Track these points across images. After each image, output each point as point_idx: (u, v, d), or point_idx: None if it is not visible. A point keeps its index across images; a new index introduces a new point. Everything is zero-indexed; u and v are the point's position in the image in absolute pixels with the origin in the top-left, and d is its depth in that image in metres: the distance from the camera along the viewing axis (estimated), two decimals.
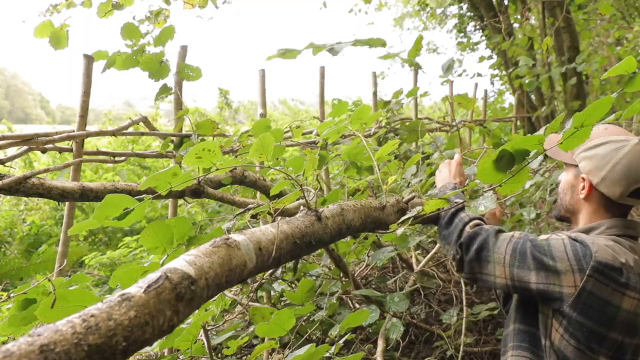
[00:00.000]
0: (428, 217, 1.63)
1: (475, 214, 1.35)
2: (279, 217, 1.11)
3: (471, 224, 1.33)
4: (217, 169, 1.01)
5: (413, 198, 1.43)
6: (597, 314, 1.16)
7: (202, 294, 0.74)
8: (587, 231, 1.31)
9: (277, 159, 2.23)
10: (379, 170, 1.54)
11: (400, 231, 1.18)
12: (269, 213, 1.20)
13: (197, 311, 2.05)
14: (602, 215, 1.33)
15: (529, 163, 1.16)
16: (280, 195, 1.43)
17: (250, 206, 1.19)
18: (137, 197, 1.04)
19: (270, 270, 2.43)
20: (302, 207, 1.09)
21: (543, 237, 1.27)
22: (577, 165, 1.35)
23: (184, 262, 0.73)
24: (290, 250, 0.96)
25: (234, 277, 0.81)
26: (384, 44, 1.23)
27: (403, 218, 1.22)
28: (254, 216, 1.22)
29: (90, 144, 7.10)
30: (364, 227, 1.25)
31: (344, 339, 2.02)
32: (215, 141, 2.45)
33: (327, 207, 1.15)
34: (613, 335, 1.17)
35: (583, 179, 1.34)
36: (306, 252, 1.03)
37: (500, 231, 1.31)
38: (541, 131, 1.15)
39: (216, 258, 0.79)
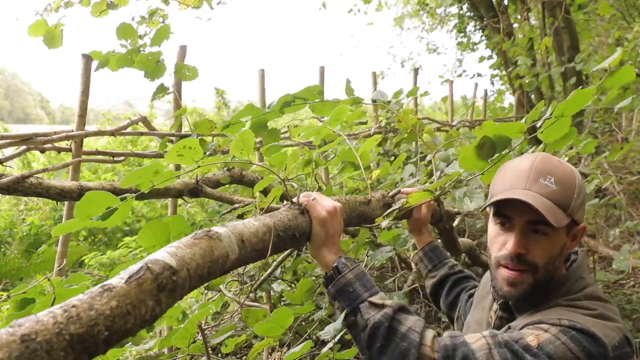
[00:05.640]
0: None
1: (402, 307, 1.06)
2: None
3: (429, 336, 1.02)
4: (199, 167, 1.02)
5: (398, 193, 1.44)
6: None
7: (184, 284, 0.75)
8: (569, 296, 1.10)
9: None
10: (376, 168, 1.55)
11: (385, 224, 1.19)
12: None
13: (196, 311, 2.06)
14: (561, 263, 1.14)
15: (510, 151, 1.16)
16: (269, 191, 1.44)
17: (236, 205, 1.20)
18: (121, 196, 1.03)
19: (270, 270, 2.44)
20: (285, 201, 1.10)
21: (527, 338, 0.99)
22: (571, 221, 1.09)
23: (165, 254, 0.75)
24: (273, 243, 0.97)
25: (216, 269, 0.83)
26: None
27: (388, 211, 1.23)
28: (239, 216, 1.23)
29: (90, 144, 7.11)
30: (349, 221, 1.25)
31: (340, 335, 2.02)
32: (214, 141, 2.46)
33: None
34: None
35: (584, 227, 1.13)
36: (290, 245, 1.04)
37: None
38: (523, 120, 1.16)
39: (198, 249, 0.80)
